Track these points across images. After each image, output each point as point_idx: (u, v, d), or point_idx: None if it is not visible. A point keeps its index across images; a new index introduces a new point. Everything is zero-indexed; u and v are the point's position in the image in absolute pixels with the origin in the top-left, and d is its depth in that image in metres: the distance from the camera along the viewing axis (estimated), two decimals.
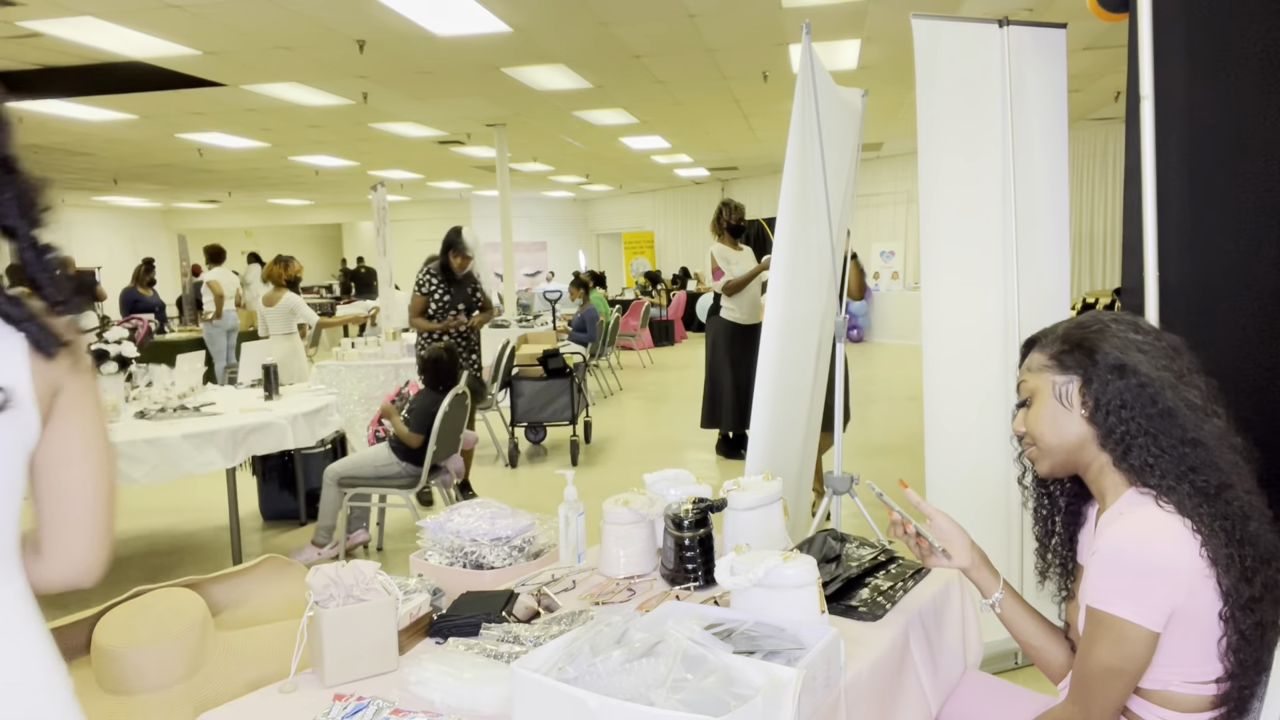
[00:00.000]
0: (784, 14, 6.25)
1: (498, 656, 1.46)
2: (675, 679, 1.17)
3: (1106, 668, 1.34)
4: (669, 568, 1.88)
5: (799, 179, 2.70)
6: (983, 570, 1.58)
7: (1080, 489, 1.55)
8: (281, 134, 10.49)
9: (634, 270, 17.68)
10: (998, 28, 2.86)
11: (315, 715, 1.31)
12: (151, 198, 17.82)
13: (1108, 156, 11.98)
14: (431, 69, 7.54)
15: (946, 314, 2.87)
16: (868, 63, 7.81)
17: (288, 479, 5.04)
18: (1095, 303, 9.57)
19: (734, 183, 18.27)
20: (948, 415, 2.87)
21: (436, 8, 5.87)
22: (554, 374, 6.37)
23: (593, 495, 2.14)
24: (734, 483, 1.99)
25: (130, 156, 11.79)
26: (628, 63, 7.58)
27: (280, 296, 6.77)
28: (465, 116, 9.83)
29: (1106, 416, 1.39)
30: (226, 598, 1.78)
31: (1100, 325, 1.43)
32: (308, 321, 6.98)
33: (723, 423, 6.07)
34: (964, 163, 2.87)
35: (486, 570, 1.92)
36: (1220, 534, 1.31)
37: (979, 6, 6.08)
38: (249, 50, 6.68)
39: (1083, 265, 12.26)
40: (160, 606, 1.54)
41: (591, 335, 9.54)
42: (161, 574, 4.28)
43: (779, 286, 2.71)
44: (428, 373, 4.27)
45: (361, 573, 1.50)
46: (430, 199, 20.23)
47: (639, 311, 12.87)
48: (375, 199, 8.06)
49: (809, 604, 1.49)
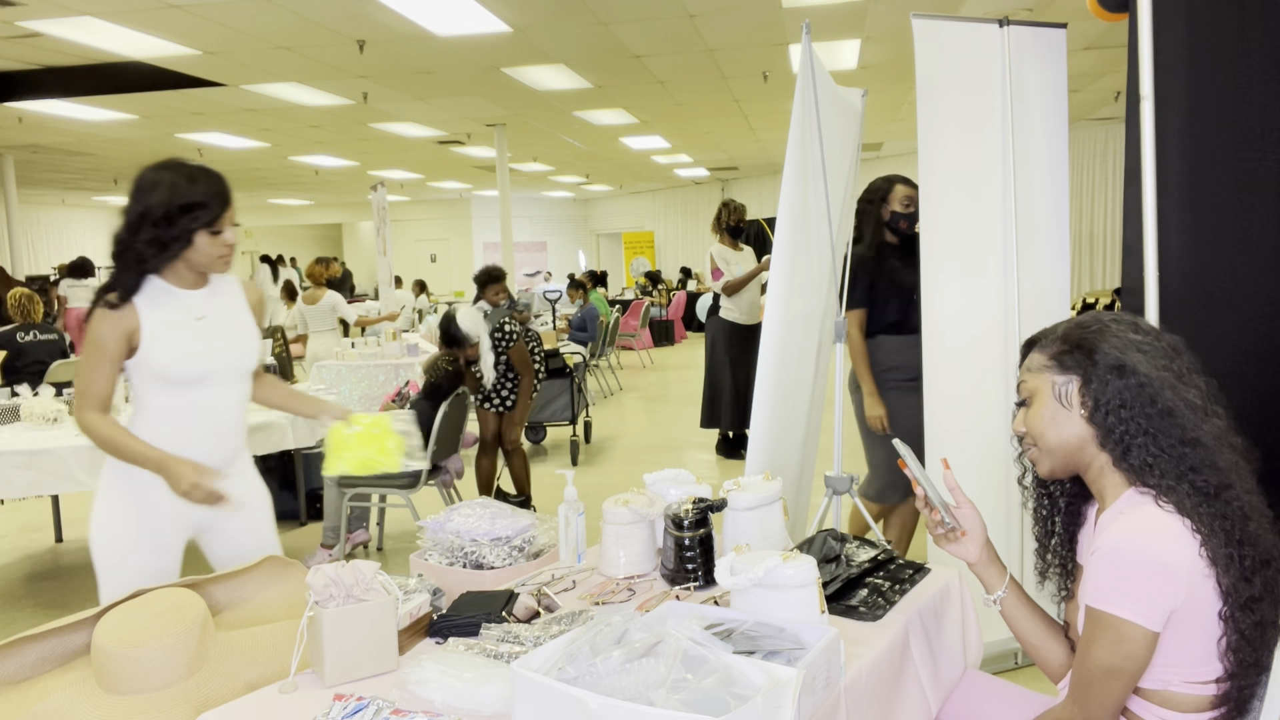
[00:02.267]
0: (784, 14, 6.25)
1: (498, 656, 1.46)
2: (675, 679, 1.17)
3: (1106, 667, 1.34)
4: (669, 568, 1.88)
5: (799, 179, 2.70)
6: (990, 567, 1.58)
7: (1080, 489, 1.55)
8: (281, 134, 10.49)
9: (634, 270, 17.68)
10: (998, 28, 2.86)
11: (315, 715, 1.31)
12: None
13: (1108, 156, 11.98)
14: (431, 69, 7.54)
15: (946, 313, 2.87)
16: (868, 63, 7.82)
17: (288, 479, 5.04)
18: (1095, 303, 9.57)
19: (734, 183, 18.27)
20: (948, 415, 2.87)
21: (436, 8, 5.87)
22: (554, 374, 6.37)
23: (593, 495, 2.15)
24: (734, 483, 1.99)
25: (130, 156, 11.79)
26: (628, 63, 7.58)
27: (322, 295, 7.19)
28: (465, 116, 9.83)
29: (1106, 416, 1.39)
30: (226, 598, 1.78)
31: (1100, 325, 1.43)
32: (346, 319, 7.27)
33: (722, 423, 6.07)
34: (964, 163, 2.87)
35: (486, 570, 1.92)
36: (1220, 534, 1.31)
37: (979, 6, 6.08)
38: (249, 50, 6.68)
39: (1083, 265, 12.26)
40: (160, 606, 1.54)
41: (591, 335, 9.54)
42: None
43: (779, 286, 2.71)
44: (427, 390, 4.29)
45: (361, 573, 1.50)
46: (430, 199, 20.23)
47: (639, 311, 12.87)
48: (375, 199, 8.06)
49: (809, 604, 1.49)
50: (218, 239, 2.06)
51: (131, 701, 1.43)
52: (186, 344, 2.08)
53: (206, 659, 1.52)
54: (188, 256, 2.05)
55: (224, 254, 2.09)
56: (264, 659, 1.55)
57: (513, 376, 4.88)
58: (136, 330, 2.02)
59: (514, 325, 4.87)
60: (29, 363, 5.80)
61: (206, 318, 2.12)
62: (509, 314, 4.99)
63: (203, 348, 2.10)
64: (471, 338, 4.52)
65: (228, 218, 2.07)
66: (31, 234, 16.90)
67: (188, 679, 1.48)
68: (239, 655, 1.55)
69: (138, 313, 2.02)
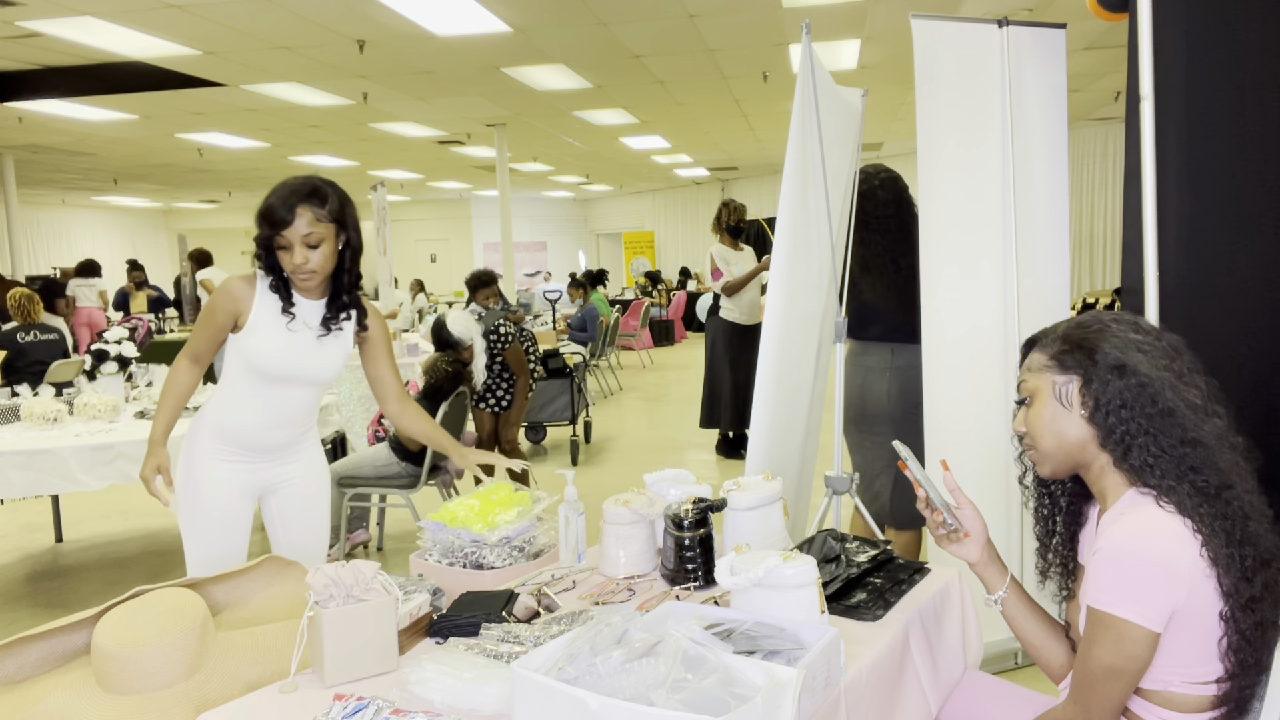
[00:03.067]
0: (784, 14, 6.25)
1: (498, 656, 1.46)
2: (675, 679, 1.17)
3: (1107, 668, 1.34)
4: (669, 568, 1.88)
5: (799, 179, 2.70)
6: (990, 567, 1.58)
7: (1081, 489, 1.55)
8: (281, 134, 10.49)
9: (634, 270, 17.68)
10: (997, 28, 2.85)
11: (315, 715, 1.31)
12: (151, 198, 17.82)
13: (1108, 156, 11.98)
14: (431, 69, 7.54)
15: (946, 313, 2.87)
16: (868, 63, 7.82)
17: None
18: (1095, 303, 9.57)
19: (734, 183, 18.27)
20: (948, 415, 2.87)
21: (436, 8, 5.87)
22: (554, 374, 6.37)
23: (593, 495, 2.14)
24: (734, 483, 1.99)
25: (130, 156, 11.80)
26: (628, 63, 7.58)
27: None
28: (465, 116, 9.83)
29: (1106, 416, 1.39)
30: (226, 598, 1.78)
31: (1100, 325, 1.43)
32: None
33: (721, 423, 6.07)
34: (964, 163, 2.87)
35: (486, 570, 1.92)
36: (1220, 534, 1.31)
37: (979, 6, 6.08)
38: (249, 50, 6.68)
39: (1083, 265, 12.26)
40: (160, 606, 1.53)
41: (591, 334, 9.54)
42: (161, 574, 4.29)
43: (779, 286, 2.71)
44: (427, 391, 4.29)
45: (361, 573, 1.50)
46: (430, 199, 20.23)
47: (639, 311, 12.87)
48: (375, 199, 8.06)
49: (809, 604, 1.49)
50: (285, 255, 2.15)
51: (131, 701, 1.43)
52: (277, 345, 2.24)
53: (206, 659, 1.52)
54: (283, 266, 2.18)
55: (294, 270, 2.16)
56: (264, 659, 1.55)
57: (508, 377, 4.88)
58: (245, 314, 2.22)
59: (509, 327, 4.88)
60: (29, 363, 5.80)
61: (309, 329, 2.27)
62: (503, 316, 4.99)
63: (288, 354, 2.25)
64: (464, 341, 4.53)
65: (289, 236, 2.12)
66: (31, 234, 16.90)
67: (188, 679, 1.48)
68: (239, 655, 1.55)
69: (254, 300, 2.22)
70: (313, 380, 2.33)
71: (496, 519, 1.96)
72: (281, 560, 1.85)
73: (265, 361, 2.24)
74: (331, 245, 2.18)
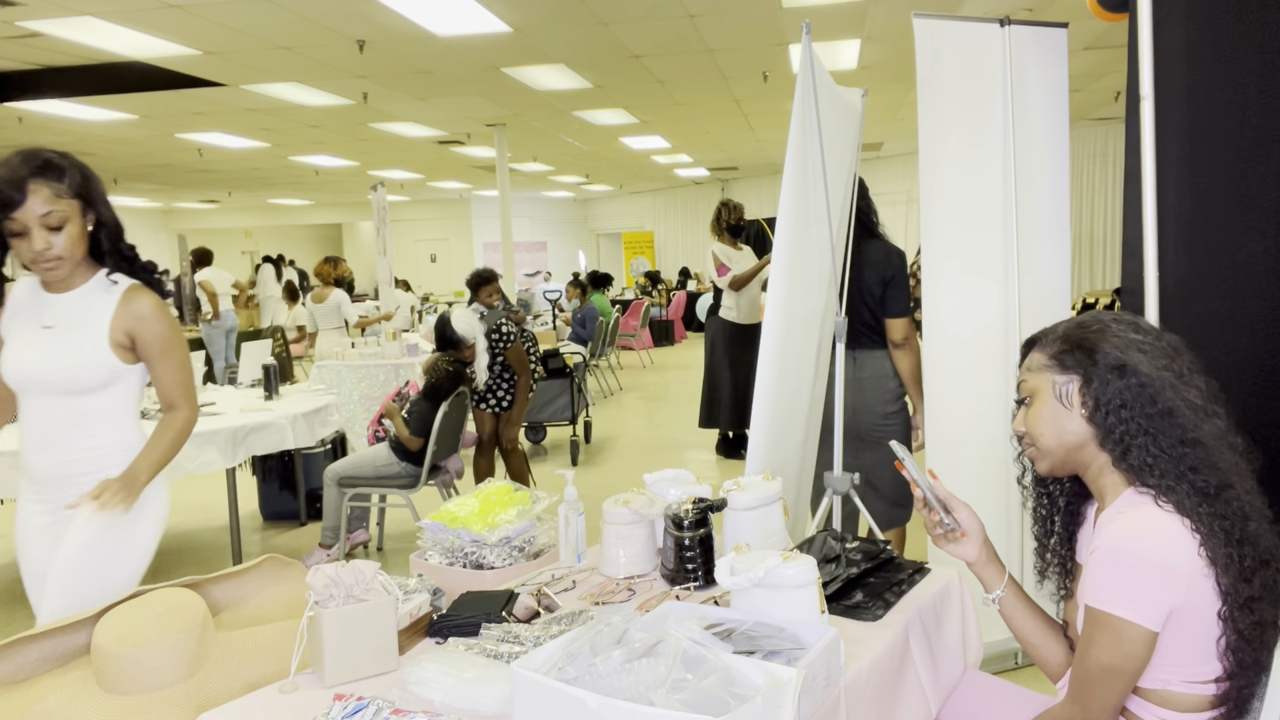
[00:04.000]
0: (784, 14, 6.25)
1: (498, 656, 1.46)
2: (675, 679, 1.17)
3: (1105, 667, 1.34)
4: (669, 568, 1.88)
5: (799, 179, 2.69)
6: (989, 567, 1.58)
7: (1080, 488, 1.56)
8: (281, 134, 10.49)
9: (634, 270, 17.68)
10: (999, 27, 2.85)
11: (315, 715, 1.31)
12: (151, 198, 17.81)
13: (1108, 156, 11.98)
14: (431, 69, 7.54)
15: (947, 313, 2.87)
16: (868, 63, 7.82)
17: (288, 479, 5.04)
18: (1095, 303, 9.56)
19: (734, 183, 18.27)
20: (948, 414, 2.87)
21: (436, 8, 5.87)
22: (554, 374, 6.37)
23: (593, 495, 2.14)
24: (734, 483, 1.99)
25: (130, 156, 11.79)
26: (628, 63, 7.58)
27: (329, 294, 7.39)
28: (465, 116, 9.83)
29: (1106, 416, 1.39)
30: (226, 598, 1.78)
31: (1100, 325, 1.43)
32: (348, 319, 7.47)
33: (721, 423, 6.07)
34: (965, 162, 2.87)
35: (486, 570, 1.92)
36: (1219, 534, 1.31)
37: (980, 6, 6.08)
38: (249, 50, 6.68)
39: (1083, 265, 12.26)
40: (160, 606, 1.54)
41: (591, 334, 9.54)
42: (161, 574, 4.28)
43: (779, 286, 2.71)
44: (428, 391, 4.29)
45: (361, 573, 1.50)
46: (430, 199, 20.23)
47: (639, 311, 12.87)
48: (375, 199, 8.06)
49: (809, 604, 1.49)
50: (21, 242, 1.84)
51: (131, 701, 1.43)
52: (19, 350, 1.95)
53: (206, 659, 1.52)
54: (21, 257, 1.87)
55: (35, 260, 1.86)
56: (264, 659, 1.55)
57: (509, 377, 4.88)
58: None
59: (510, 326, 4.88)
60: None
61: (54, 327, 1.95)
62: (505, 315, 4.99)
63: (31, 355, 1.94)
64: (467, 340, 4.53)
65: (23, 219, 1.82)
66: None
67: (188, 679, 1.48)
68: (239, 655, 1.55)
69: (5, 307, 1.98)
70: (53, 384, 1.96)
71: (496, 519, 1.96)
72: (282, 560, 1.85)
73: (7, 371, 1.98)
74: (79, 226, 1.89)
